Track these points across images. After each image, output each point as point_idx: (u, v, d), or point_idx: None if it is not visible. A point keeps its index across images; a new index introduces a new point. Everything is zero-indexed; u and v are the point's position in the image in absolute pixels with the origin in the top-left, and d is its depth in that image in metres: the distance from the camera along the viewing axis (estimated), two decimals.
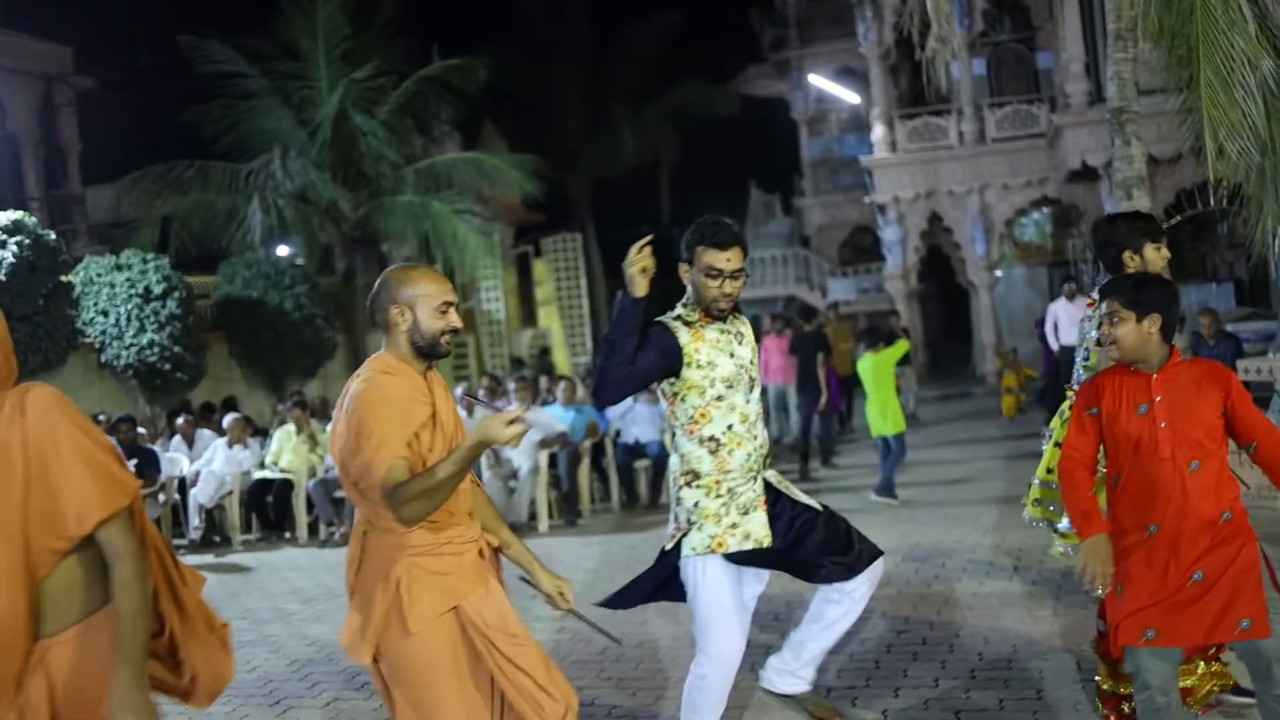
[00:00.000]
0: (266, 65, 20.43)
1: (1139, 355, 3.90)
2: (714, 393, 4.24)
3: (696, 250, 4.28)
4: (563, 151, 30.50)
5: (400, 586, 3.30)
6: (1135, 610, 3.85)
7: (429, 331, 3.39)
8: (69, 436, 2.67)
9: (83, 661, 2.69)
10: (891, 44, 24.50)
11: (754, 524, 4.27)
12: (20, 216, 14.94)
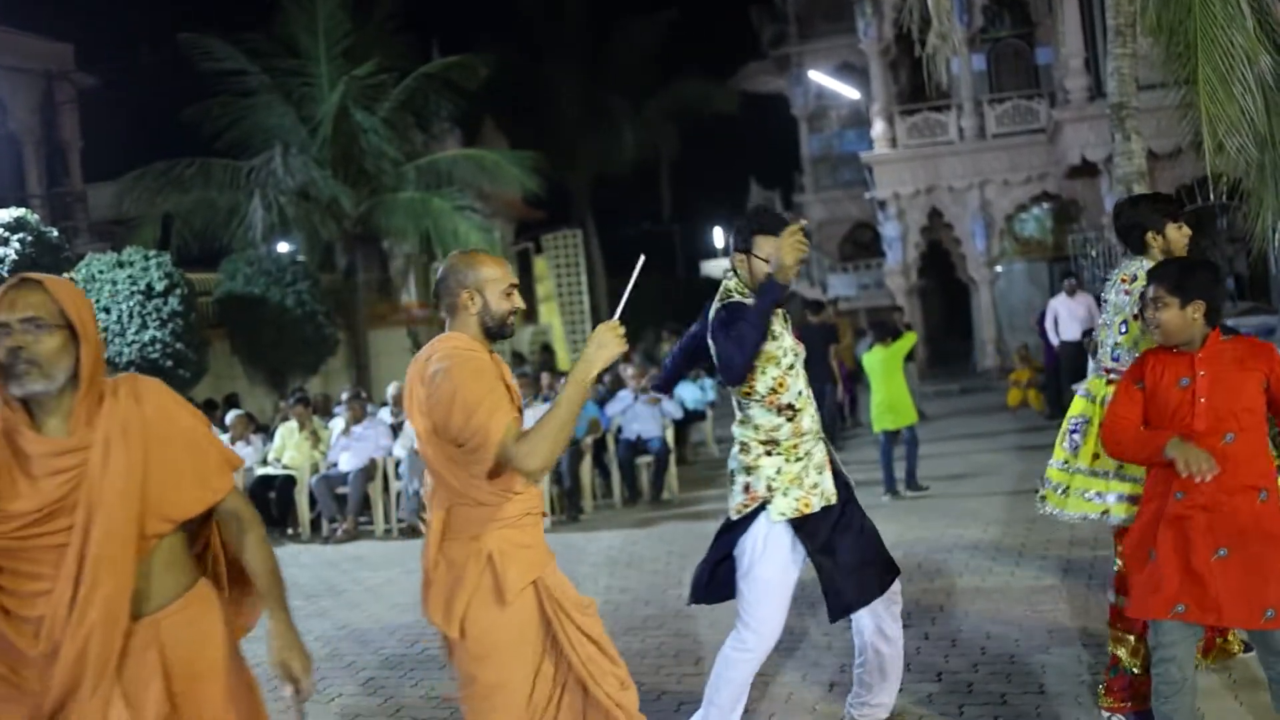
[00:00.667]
0: (267, 62, 20.44)
1: (1181, 339, 4.00)
2: (787, 361, 4.45)
3: (756, 239, 4.41)
4: (563, 148, 30.51)
5: (494, 558, 3.43)
6: (1164, 584, 3.91)
7: (498, 313, 3.54)
8: (186, 421, 2.92)
9: (188, 632, 2.88)
10: (891, 40, 24.51)
11: (826, 482, 4.43)
12: (23, 214, 14.97)
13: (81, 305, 2.79)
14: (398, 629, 7.60)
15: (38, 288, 2.75)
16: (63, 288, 2.78)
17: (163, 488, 2.81)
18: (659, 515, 11.38)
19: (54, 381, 2.72)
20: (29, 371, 2.69)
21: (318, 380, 19.97)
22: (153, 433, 2.80)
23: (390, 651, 7.03)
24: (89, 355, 2.75)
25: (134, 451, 2.77)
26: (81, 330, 2.75)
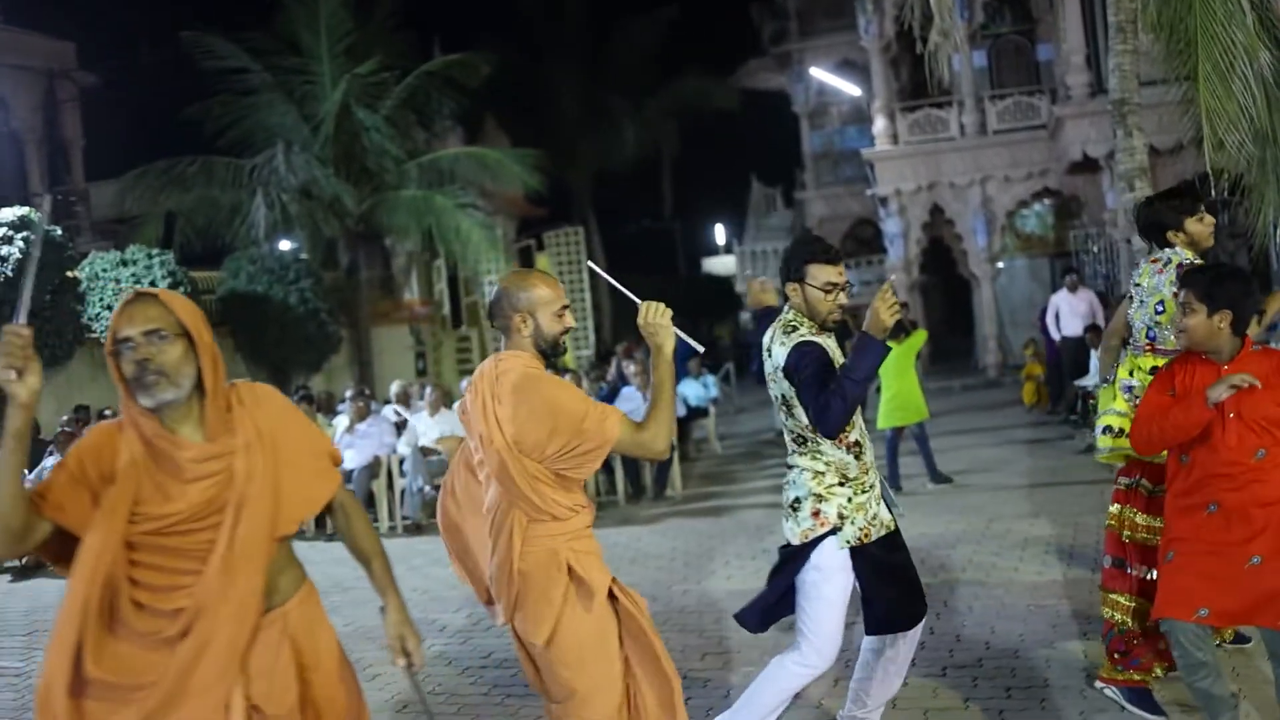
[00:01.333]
0: (269, 61, 20.45)
1: (1207, 346, 4.05)
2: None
3: (809, 268, 4.34)
4: (564, 145, 30.56)
5: (574, 567, 3.60)
6: (1188, 587, 3.98)
7: (549, 334, 3.66)
8: (301, 422, 3.09)
9: (307, 622, 3.08)
10: (892, 36, 24.50)
11: (884, 512, 4.43)
12: (26, 212, 14.99)
13: (195, 315, 2.91)
14: None
15: (154, 301, 2.86)
16: (176, 299, 2.89)
17: (293, 486, 2.99)
18: (662, 512, 11.42)
19: (182, 389, 2.83)
20: (158, 382, 2.79)
21: (320, 378, 20.01)
22: (278, 436, 2.96)
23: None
24: (209, 362, 2.87)
25: (268, 455, 2.93)
26: (198, 338, 2.86)
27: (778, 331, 4.39)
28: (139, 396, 2.81)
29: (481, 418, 3.59)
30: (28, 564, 11.22)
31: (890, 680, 4.64)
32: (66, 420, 13.30)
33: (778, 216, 33.24)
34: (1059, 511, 9.44)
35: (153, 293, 2.89)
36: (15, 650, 7.95)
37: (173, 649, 2.80)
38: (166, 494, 2.82)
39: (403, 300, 25.03)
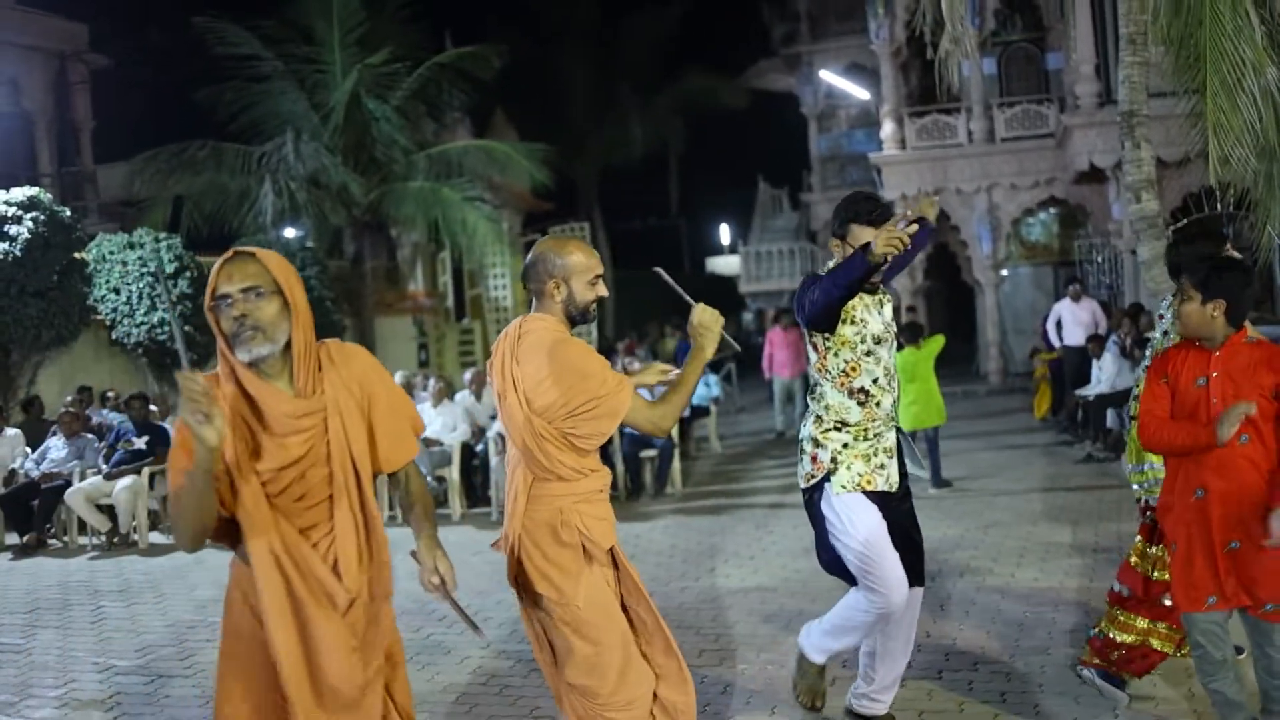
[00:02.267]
0: (281, 48, 20.44)
1: (1201, 333, 4.16)
2: (864, 348, 4.49)
3: (850, 227, 4.43)
4: (571, 140, 30.54)
5: (581, 528, 3.67)
6: (1194, 579, 4.11)
7: (582, 302, 3.73)
8: (388, 383, 3.12)
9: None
10: (903, 41, 24.50)
11: (893, 468, 4.51)
12: (36, 193, 15.05)
13: (290, 273, 2.99)
14: (405, 612, 7.67)
15: (251, 259, 2.96)
16: (272, 258, 2.98)
17: (378, 443, 3.07)
18: (662, 509, 11.46)
19: (276, 344, 2.92)
20: (254, 337, 2.88)
21: None
22: (366, 393, 3.03)
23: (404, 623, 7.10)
24: (300, 320, 2.94)
25: (359, 410, 3.02)
26: (291, 296, 2.94)
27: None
28: (237, 351, 2.90)
29: (499, 375, 3.72)
30: (28, 542, 11.28)
31: (894, 656, 4.69)
32: (70, 401, 13.34)
33: (783, 218, 33.24)
34: (1057, 518, 9.49)
35: (251, 251, 2.99)
36: (16, 628, 7.99)
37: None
38: (261, 448, 2.93)
39: (407, 291, 25.06)
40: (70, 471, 11.69)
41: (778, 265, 30.43)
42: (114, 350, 17.06)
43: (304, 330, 2.96)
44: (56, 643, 7.46)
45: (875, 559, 4.43)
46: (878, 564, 4.42)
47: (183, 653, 6.98)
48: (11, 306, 14.27)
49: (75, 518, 11.50)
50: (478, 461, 12.26)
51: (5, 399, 14.59)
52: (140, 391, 12.85)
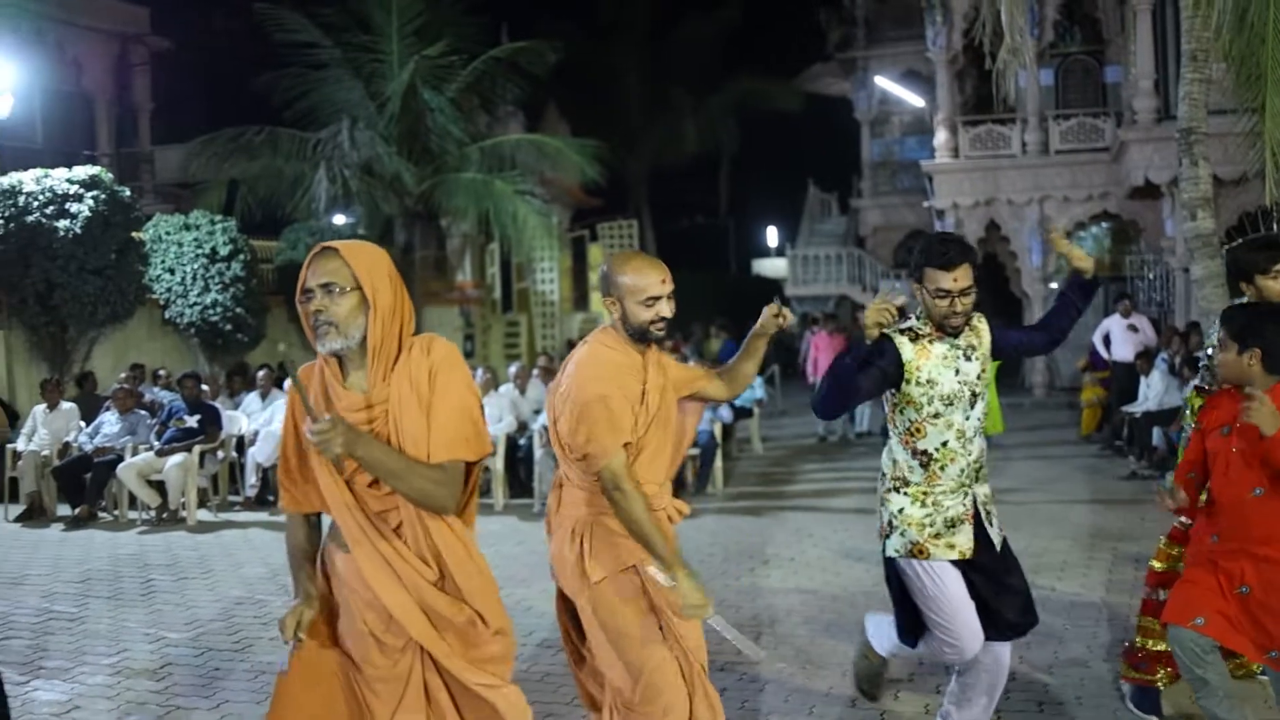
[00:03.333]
0: (339, 37, 20.59)
1: (1240, 382, 4.20)
2: (931, 410, 4.25)
3: (925, 271, 4.20)
4: (623, 136, 30.61)
5: (583, 541, 3.74)
6: (1191, 597, 4.14)
7: (636, 322, 3.71)
8: (458, 382, 3.10)
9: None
10: (960, 49, 24.41)
11: (959, 537, 4.27)
12: (97, 172, 15.30)
13: (374, 270, 3.05)
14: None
15: (334, 255, 3.04)
16: (358, 254, 3.05)
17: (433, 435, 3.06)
18: (703, 508, 11.51)
19: (350, 339, 3.02)
20: (328, 331, 3.00)
21: None
22: (433, 386, 3.04)
23: None
24: (378, 317, 3.01)
25: (422, 395, 3.04)
26: (371, 293, 3.00)
27: None
28: (316, 343, 3.04)
29: (561, 370, 3.85)
30: (80, 514, 11.49)
31: (971, 703, 4.49)
32: (124, 377, 13.56)
33: (832, 222, 33.19)
34: (1100, 533, 9.47)
35: (335, 247, 3.06)
36: (70, 597, 8.16)
37: None
38: None
39: (455, 282, 25.24)
40: (123, 447, 11.90)
41: (825, 269, 30.36)
42: (166, 329, 17.32)
43: (381, 326, 3.02)
44: (108, 613, 7.62)
45: (940, 620, 4.27)
46: (943, 625, 4.26)
47: (231, 628, 7.11)
48: (70, 283, 14.51)
49: (126, 492, 11.70)
50: (521, 454, 12.36)
51: (61, 373, 14.84)
52: (193, 371, 13.04)
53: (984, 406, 4.39)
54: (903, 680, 5.75)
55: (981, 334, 4.37)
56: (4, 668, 6.29)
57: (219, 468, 12.41)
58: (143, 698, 5.76)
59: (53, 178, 14.79)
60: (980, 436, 4.40)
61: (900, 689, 5.63)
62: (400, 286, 3.12)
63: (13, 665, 6.37)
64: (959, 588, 4.26)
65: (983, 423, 4.41)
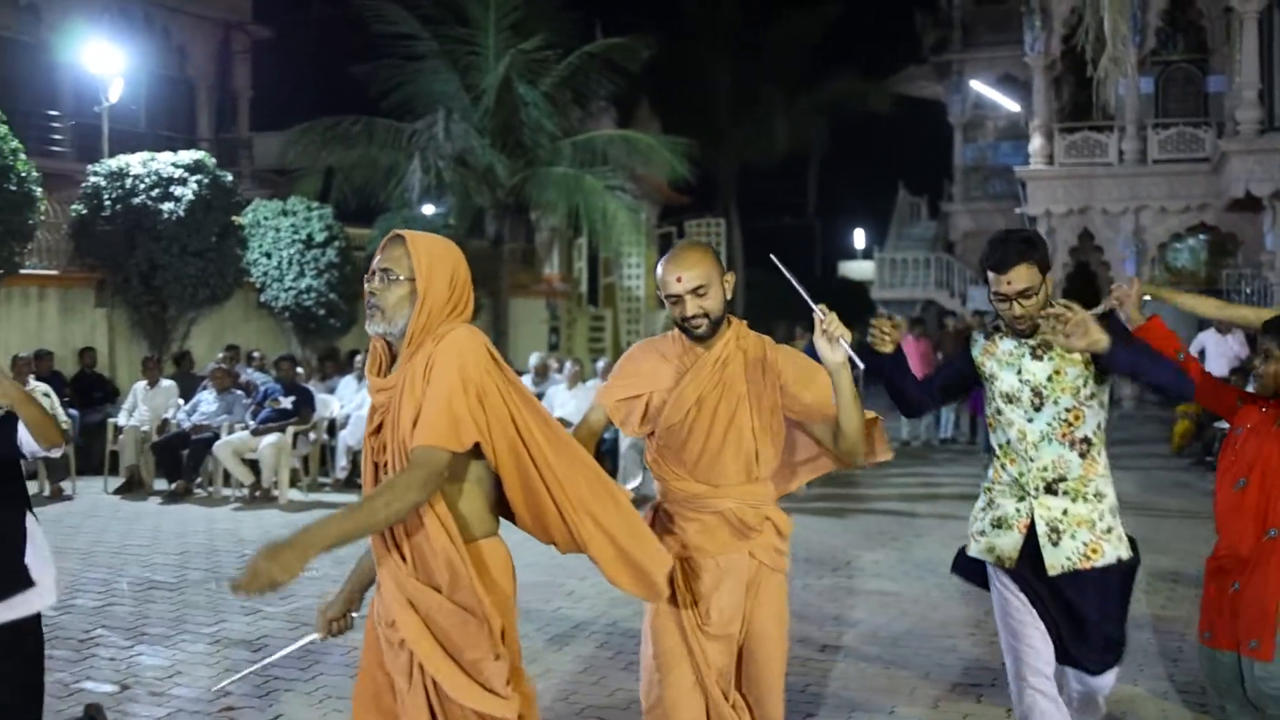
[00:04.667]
0: (437, 29, 20.87)
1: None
2: (993, 406, 4.13)
3: (987, 273, 4.03)
4: (713, 134, 30.60)
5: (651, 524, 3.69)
6: (1203, 612, 4.29)
7: (674, 317, 3.63)
8: (447, 369, 2.98)
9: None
10: (1058, 55, 24.12)
11: (1003, 541, 4.06)
12: (201, 156, 15.72)
13: (435, 265, 3.06)
14: (528, 586, 7.91)
15: (400, 243, 3.09)
16: (420, 246, 3.07)
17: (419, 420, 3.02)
18: (784, 506, 11.49)
19: (394, 326, 3.07)
20: (374, 315, 3.07)
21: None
22: (429, 376, 3.01)
23: (521, 603, 7.32)
24: (423, 309, 3.04)
25: (419, 395, 3.01)
26: (422, 286, 3.04)
27: None
28: (368, 324, 3.11)
29: None
30: (176, 489, 11.82)
31: (1087, 703, 4.34)
32: (221, 358, 13.89)
33: (921, 226, 32.94)
34: (1187, 550, 9.34)
35: (401, 235, 3.11)
36: (169, 567, 8.43)
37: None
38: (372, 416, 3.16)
39: (542, 274, 25.45)
40: (219, 425, 12.21)
41: (912, 273, 30.16)
42: (261, 312, 17.71)
43: (426, 318, 3.04)
44: (206, 584, 7.85)
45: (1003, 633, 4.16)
46: (1005, 640, 4.14)
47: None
48: (173, 264, 14.91)
49: (221, 469, 12.01)
50: (606, 447, 12.48)
51: (160, 352, 15.24)
52: (289, 353, 13.35)
53: (1064, 415, 3.99)
54: (984, 686, 5.76)
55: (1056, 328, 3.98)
56: (109, 631, 6.56)
57: (311, 449, 12.67)
58: (240, 667, 5.94)
59: (158, 161, 15.22)
60: (1060, 447, 3.98)
61: (983, 693, 5.65)
62: (463, 286, 3.11)
63: (118, 630, 6.62)
64: (1015, 598, 4.09)
65: (1067, 433, 3.98)
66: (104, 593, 7.62)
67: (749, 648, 3.64)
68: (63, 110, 23.17)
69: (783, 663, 3.68)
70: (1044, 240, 4.14)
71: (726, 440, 3.58)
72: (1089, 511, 3.98)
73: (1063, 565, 3.96)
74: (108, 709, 5.28)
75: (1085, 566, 3.96)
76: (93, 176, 15.35)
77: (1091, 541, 3.98)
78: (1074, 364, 3.96)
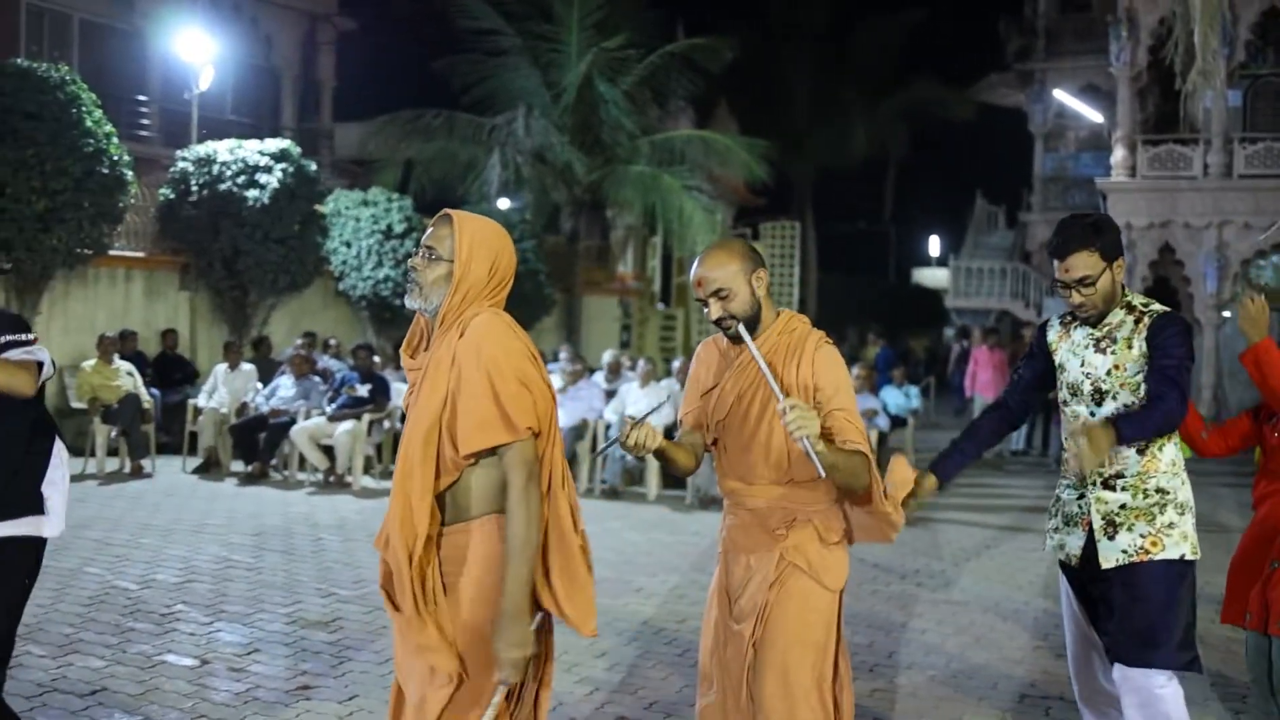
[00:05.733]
0: (520, 25, 21.03)
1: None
2: (1062, 396, 4.07)
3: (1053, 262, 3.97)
4: (790, 137, 30.53)
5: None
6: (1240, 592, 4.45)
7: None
8: (483, 364, 2.97)
9: (458, 551, 3.07)
10: (1144, 66, 23.80)
11: (1070, 539, 4.04)
12: (287, 145, 15.98)
13: (477, 248, 3.09)
14: (602, 580, 7.98)
15: (446, 223, 3.13)
16: (465, 228, 3.10)
17: (453, 418, 3.02)
18: None
19: (429, 303, 3.10)
20: (412, 290, 3.13)
21: (529, 336, 20.62)
22: (456, 366, 3.02)
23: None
24: (458, 291, 3.08)
25: (444, 379, 3.03)
26: (460, 268, 3.07)
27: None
28: (407, 296, 3.18)
29: None
30: (253, 471, 12.04)
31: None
32: (300, 344, 14.12)
33: (998, 235, 32.61)
34: None
35: (450, 215, 3.14)
36: (246, 548, 8.60)
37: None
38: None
39: (616, 272, 25.55)
40: (296, 410, 12.42)
41: (988, 283, 29.87)
42: (339, 300, 17.96)
43: (460, 300, 3.06)
44: (283, 566, 8.02)
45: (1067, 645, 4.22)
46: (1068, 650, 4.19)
47: None
48: (255, 250, 15.18)
49: (297, 453, 12.22)
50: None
51: (240, 336, 15.53)
52: (366, 342, 13.55)
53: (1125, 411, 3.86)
54: (1052, 699, 5.73)
55: (1140, 331, 3.90)
56: (189, 608, 6.72)
57: (384, 437, 12.84)
58: (317, 647, 6.07)
59: (245, 149, 15.49)
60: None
61: (1050, 707, 5.62)
62: (503, 272, 3.13)
63: (197, 606, 6.78)
64: (1073, 609, 4.11)
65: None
66: (184, 569, 7.80)
67: (759, 652, 3.52)
68: (151, 96, 23.66)
69: (802, 673, 3.47)
70: (1112, 225, 3.98)
71: (756, 439, 3.54)
72: (1149, 505, 3.88)
73: (1117, 559, 3.87)
74: (189, 683, 5.43)
75: (1142, 559, 3.85)
76: (180, 162, 15.68)
77: (1151, 534, 3.87)
78: (1133, 360, 3.85)
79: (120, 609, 6.68)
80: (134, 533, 8.98)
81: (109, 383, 12.42)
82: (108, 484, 11.50)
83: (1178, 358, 3.80)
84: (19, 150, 12.38)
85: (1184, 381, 3.79)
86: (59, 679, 5.39)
